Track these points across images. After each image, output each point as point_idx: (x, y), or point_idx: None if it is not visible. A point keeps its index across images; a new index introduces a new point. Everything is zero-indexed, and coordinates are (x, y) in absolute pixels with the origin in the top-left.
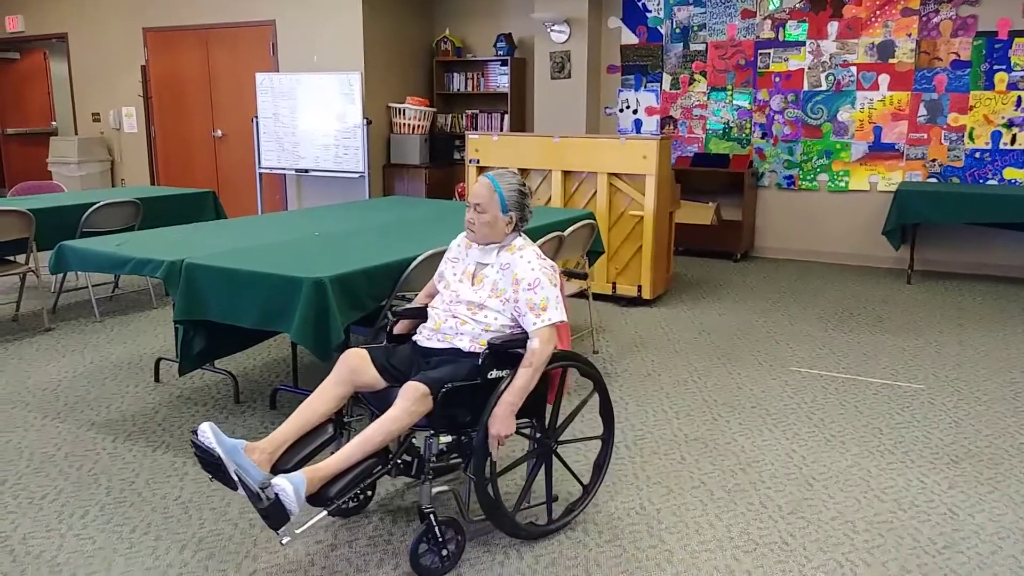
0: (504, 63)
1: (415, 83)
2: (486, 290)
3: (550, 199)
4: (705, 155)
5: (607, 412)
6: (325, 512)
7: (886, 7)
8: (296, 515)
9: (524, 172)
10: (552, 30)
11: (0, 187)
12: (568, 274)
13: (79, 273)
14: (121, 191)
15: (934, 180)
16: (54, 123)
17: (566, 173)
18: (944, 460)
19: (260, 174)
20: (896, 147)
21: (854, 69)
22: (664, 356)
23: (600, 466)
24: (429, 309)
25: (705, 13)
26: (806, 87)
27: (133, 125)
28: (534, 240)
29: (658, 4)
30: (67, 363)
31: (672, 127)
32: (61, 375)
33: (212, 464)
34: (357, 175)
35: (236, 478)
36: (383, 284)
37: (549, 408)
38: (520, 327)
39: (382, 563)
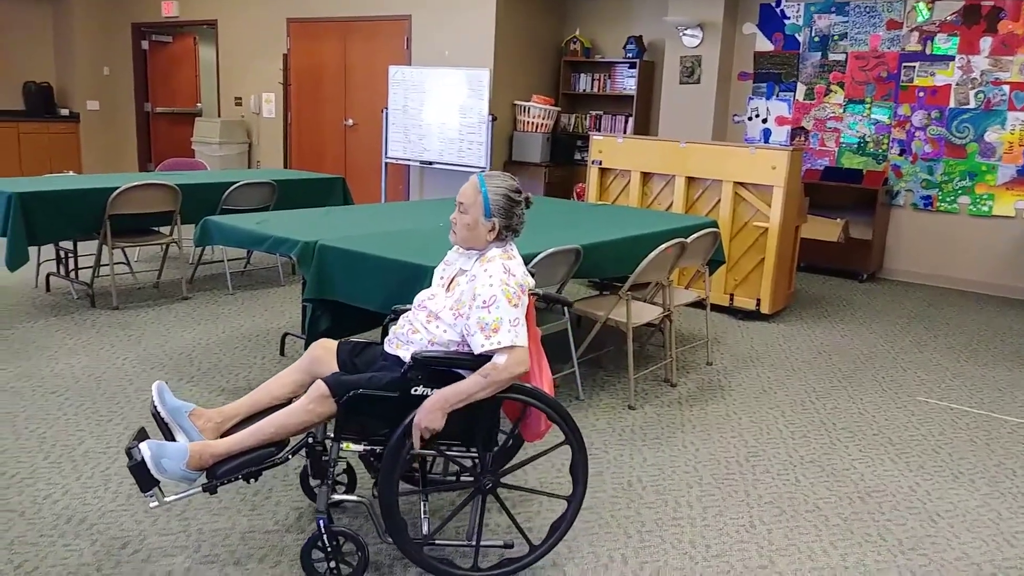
0: (632, 65)
1: (542, 82)
2: (452, 299)
3: (671, 204)
4: (837, 169)
5: (578, 469)
6: (199, 488)
7: None
8: (165, 481)
9: (647, 176)
10: (684, 34)
11: (147, 161)
12: (548, 299)
13: (215, 247)
14: (259, 172)
15: None
16: (199, 104)
17: (690, 179)
18: None
19: (386, 163)
20: None
21: (1007, 88)
22: (781, 374)
23: (556, 528)
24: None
25: (847, 22)
26: (952, 104)
27: (272, 111)
28: (657, 245)
29: (797, 11)
30: (201, 331)
31: (803, 138)
32: (196, 341)
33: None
34: (479, 170)
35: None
36: None
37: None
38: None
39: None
